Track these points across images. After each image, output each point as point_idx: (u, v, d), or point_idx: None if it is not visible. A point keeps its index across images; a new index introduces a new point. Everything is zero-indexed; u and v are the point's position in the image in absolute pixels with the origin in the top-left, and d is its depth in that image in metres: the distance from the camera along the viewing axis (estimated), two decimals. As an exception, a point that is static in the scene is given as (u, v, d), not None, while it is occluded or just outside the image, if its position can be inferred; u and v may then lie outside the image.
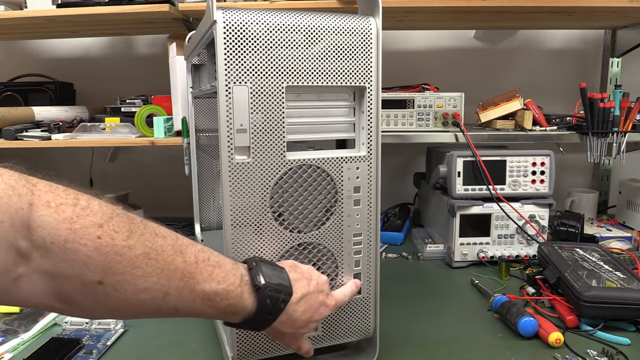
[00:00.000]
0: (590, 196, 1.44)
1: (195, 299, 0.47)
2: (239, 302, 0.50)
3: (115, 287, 0.41)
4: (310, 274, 0.59)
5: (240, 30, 0.57)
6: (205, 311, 0.49)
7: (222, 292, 0.49)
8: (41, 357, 0.71)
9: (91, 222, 0.40)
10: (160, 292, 0.44)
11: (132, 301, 0.43)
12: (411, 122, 1.24)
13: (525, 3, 1.16)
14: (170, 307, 0.46)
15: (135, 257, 0.42)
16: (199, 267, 0.48)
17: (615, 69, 1.53)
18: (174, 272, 0.45)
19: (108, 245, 0.40)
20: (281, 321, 0.54)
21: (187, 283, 0.46)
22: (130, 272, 0.42)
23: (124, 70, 1.66)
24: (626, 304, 0.78)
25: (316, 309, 0.57)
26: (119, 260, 0.41)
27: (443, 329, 0.82)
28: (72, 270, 0.39)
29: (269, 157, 0.60)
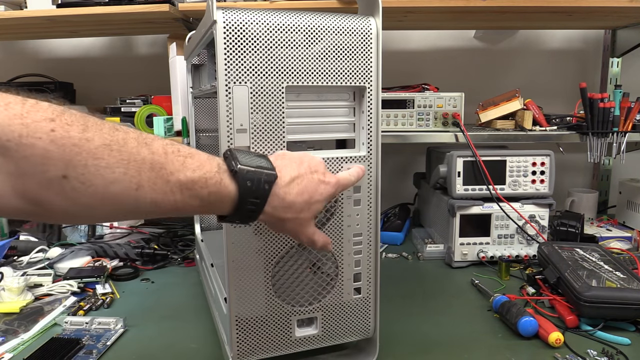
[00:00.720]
0: (590, 196, 1.44)
1: (172, 189, 0.46)
2: (220, 189, 0.49)
3: (82, 180, 0.40)
4: (300, 158, 0.57)
5: (240, 30, 0.57)
6: (188, 202, 0.47)
7: (199, 179, 0.48)
8: (41, 357, 0.71)
9: (42, 117, 0.39)
10: (131, 184, 0.43)
11: (105, 195, 0.42)
12: (411, 122, 1.24)
13: (525, 3, 1.16)
14: (148, 200, 0.45)
15: (95, 149, 0.41)
16: (169, 157, 0.46)
17: (615, 69, 1.53)
18: (142, 163, 0.44)
19: (63, 138, 0.39)
20: (274, 206, 0.52)
21: (159, 173, 0.45)
22: (92, 163, 0.41)
23: (124, 70, 1.66)
24: (626, 304, 0.78)
25: (314, 189, 0.55)
26: (77, 152, 0.40)
27: (443, 329, 0.82)
28: (33, 166, 0.39)
29: (269, 157, 0.60)
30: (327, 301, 0.67)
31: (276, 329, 0.65)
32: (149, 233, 1.29)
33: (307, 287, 0.65)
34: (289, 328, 0.66)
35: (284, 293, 0.64)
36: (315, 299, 0.66)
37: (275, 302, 0.64)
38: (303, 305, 0.66)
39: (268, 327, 0.64)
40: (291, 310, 0.65)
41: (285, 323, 0.65)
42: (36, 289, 0.96)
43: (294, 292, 0.65)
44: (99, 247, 1.13)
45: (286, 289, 0.65)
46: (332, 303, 0.67)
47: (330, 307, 0.67)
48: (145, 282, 1.04)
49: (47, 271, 1.03)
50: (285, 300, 0.65)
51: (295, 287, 0.65)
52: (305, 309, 0.66)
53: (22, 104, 0.39)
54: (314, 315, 0.67)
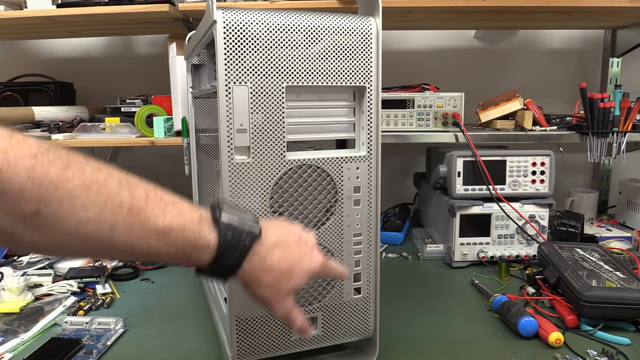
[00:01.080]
0: (590, 196, 1.44)
1: (148, 235, 0.45)
2: (199, 238, 0.48)
3: (54, 217, 0.41)
4: (292, 228, 0.56)
5: (240, 30, 0.57)
6: (164, 249, 0.47)
7: (177, 227, 0.47)
8: (41, 357, 0.71)
9: (25, 153, 0.40)
10: (105, 224, 0.43)
11: (77, 233, 0.42)
12: (411, 122, 1.24)
13: (525, 3, 1.16)
14: (123, 242, 0.44)
15: (73, 187, 0.41)
16: (150, 203, 0.46)
17: (615, 69, 1.53)
18: (119, 206, 0.44)
19: (42, 175, 0.40)
20: (253, 265, 0.51)
21: (137, 218, 0.45)
22: (68, 201, 0.41)
23: (124, 70, 1.66)
24: (626, 304, 0.78)
25: (298, 260, 0.53)
26: (53, 190, 0.40)
27: (443, 329, 0.82)
28: (8, 200, 0.39)
29: (269, 157, 0.60)
30: (327, 301, 0.67)
31: (276, 329, 0.65)
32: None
33: (307, 287, 0.65)
34: (289, 328, 0.66)
35: (284, 293, 0.64)
36: (315, 299, 0.66)
37: (275, 302, 0.64)
38: (303, 305, 0.66)
39: (268, 327, 0.64)
40: (291, 310, 0.65)
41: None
42: (36, 289, 0.96)
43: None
44: (99, 247, 1.12)
45: (286, 289, 0.64)
46: (332, 303, 0.67)
47: (330, 307, 0.67)
48: (145, 282, 1.04)
49: (47, 271, 1.03)
50: (285, 300, 0.65)
51: (295, 287, 0.65)
52: (305, 309, 0.66)
53: (9, 139, 0.40)
54: (314, 315, 0.67)
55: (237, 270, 0.50)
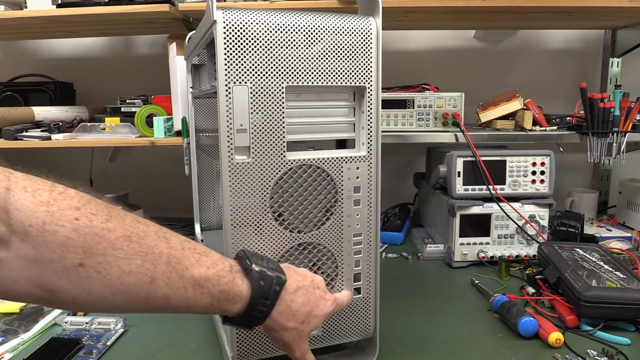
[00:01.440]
0: (590, 196, 1.44)
1: (185, 285, 0.46)
2: (232, 288, 0.49)
3: (98, 269, 0.41)
4: (304, 272, 0.59)
5: (240, 30, 0.57)
6: (199, 299, 0.48)
7: (212, 277, 0.48)
8: (41, 357, 0.71)
9: (68, 205, 0.40)
10: (146, 277, 0.43)
11: (117, 286, 0.42)
12: (411, 122, 1.24)
13: (525, 3, 1.16)
14: (160, 295, 0.45)
15: (116, 239, 0.42)
16: (186, 253, 0.47)
17: (615, 69, 1.53)
18: (159, 257, 0.45)
19: (86, 227, 0.40)
20: (280, 311, 0.53)
21: (175, 268, 0.46)
22: (111, 253, 0.41)
23: (124, 70, 1.66)
24: (626, 304, 0.78)
25: (316, 303, 0.56)
26: (98, 241, 0.41)
27: (443, 329, 0.82)
28: (52, 252, 0.39)
29: (269, 157, 0.60)
30: (327, 301, 0.67)
31: (276, 329, 0.65)
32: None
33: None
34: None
35: (284, 293, 0.64)
36: (315, 299, 0.66)
37: (275, 302, 0.64)
38: (303, 305, 0.66)
39: (268, 327, 0.64)
40: (291, 310, 0.65)
41: (285, 323, 0.65)
42: (36, 289, 0.96)
43: (294, 292, 0.65)
44: (99, 247, 1.12)
45: (286, 289, 0.64)
46: (332, 303, 0.67)
47: (330, 307, 0.67)
48: (145, 282, 1.04)
49: (47, 271, 1.03)
50: (285, 300, 0.65)
51: (295, 287, 0.65)
52: (305, 309, 0.66)
53: (50, 191, 0.40)
54: (314, 315, 0.66)
55: (267, 318, 0.52)
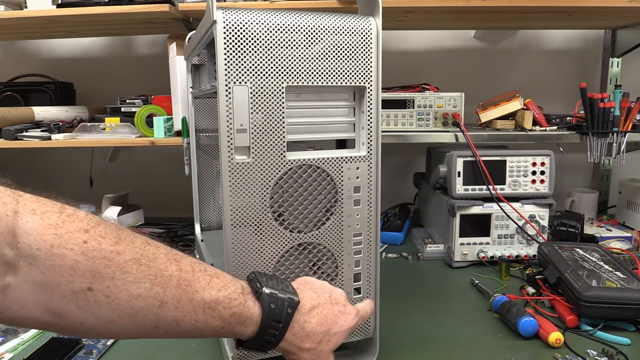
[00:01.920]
0: (590, 196, 1.44)
1: (195, 308, 0.45)
2: (243, 311, 0.49)
3: (106, 293, 0.40)
4: (322, 288, 0.57)
5: (240, 30, 0.57)
6: (209, 323, 0.47)
7: (223, 300, 0.47)
8: (41, 357, 0.71)
9: (77, 228, 0.40)
10: (155, 300, 0.43)
11: (126, 310, 0.42)
12: (411, 122, 1.24)
13: (525, 3, 1.16)
14: (169, 318, 0.44)
15: (125, 262, 0.41)
16: (196, 275, 0.46)
17: (615, 69, 1.53)
18: (169, 280, 0.44)
19: (95, 250, 0.40)
20: (294, 333, 0.52)
21: (185, 291, 0.45)
22: (120, 277, 0.41)
23: (124, 70, 1.66)
24: (626, 304, 0.78)
25: (334, 320, 0.55)
26: (107, 265, 0.40)
27: (443, 329, 0.82)
28: (60, 276, 0.38)
29: (269, 157, 0.60)
30: (327, 301, 0.67)
31: (276, 329, 0.65)
32: (149, 233, 1.28)
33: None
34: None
35: (284, 293, 0.64)
36: (315, 299, 0.66)
37: (275, 302, 0.64)
38: (303, 305, 0.66)
39: (268, 327, 0.64)
40: (291, 310, 0.65)
41: (285, 323, 0.65)
42: (36, 289, 0.96)
43: (294, 292, 0.65)
44: (99, 247, 1.12)
45: (286, 289, 0.64)
46: (332, 303, 0.67)
47: (330, 307, 0.67)
48: (145, 282, 1.04)
49: (47, 271, 1.03)
50: (285, 300, 0.64)
51: (295, 287, 0.65)
52: (305, 309, 0.66)
53: (59, 213, 0.40)
54: (314, 315, 0.66)
55: (280, 341, 0.51)
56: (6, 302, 0.38)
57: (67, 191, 1.59)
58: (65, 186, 1.73)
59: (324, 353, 0.54)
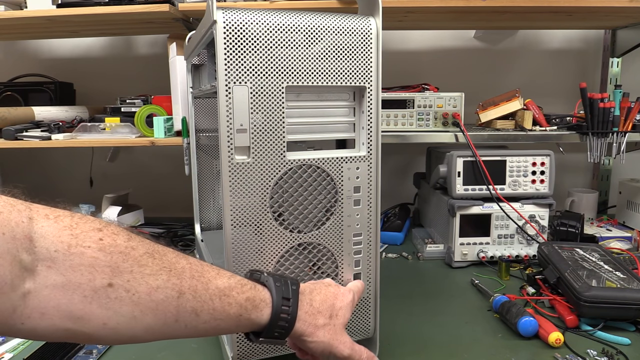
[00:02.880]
0: (590, 196, 1.44)
1: (212, 297, 0.47)
2: (256, 294, 0.50)
3: (127, 287, 0.41)
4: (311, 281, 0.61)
5: (240, 30, 0.57)
6: (226, 310, 0.48)
7: (235, 285, 0.49)
8: (41, 357, 0.71)
9: (91, 227, 0.41)
10: (174, 291, 0.44)
11: (147, 303, 0.42)
12: (411, 122, 1.24)
13: (525, 3, 1.16)
14: (189, 309, 0.45)
15: (140, 256, 0.42)
16: (205, 268, 0.48)
17: (615, 69, 1.53)
18: (182, 271, 0.45)
19: (111, 246, 0.41)
20: (306, 311, 0.54)
21: (199, 281, 0.46)
22: (138, 270, 0.42)
23: (124, 70, 1.66)
24: (626, 304, 0.78)
25: (334, 296, 0.58)
26: (124, 259, 0.41)
27: (443, 329, 0.82)
28: (80, 276, 0.39)
29: (269, 157, 0.60)
30: (327, 301, 0.67)
31: (276, 329, 0.65)
32: (149, 233, 1.29)
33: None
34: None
35: (284, 293, 0.64)
36: (315, 299, 0.66)
37: (275, 302, 0.64)
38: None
39: (268, 327, 0.64)
40: (291, 310, 0.65)
41: (285, 323, 0.65)
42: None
43: (294, 292, 0.65)
44: (99, 247, 1.12)
45: (286, 289, 0.64)
46: (332, 303, 0.67)
47: (330, 307, 0.67)
48: (145, 282, 1.04)
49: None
50: (285, 300, 0.65)
51: (295, 287, 0.65)
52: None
53: (71, 217, 0.41)
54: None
55: (294, 321, 0.52)
56: (27, 310, 0.37)
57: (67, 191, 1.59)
58: (65, 186, 1.73)
59: (338, 327, 0.56)
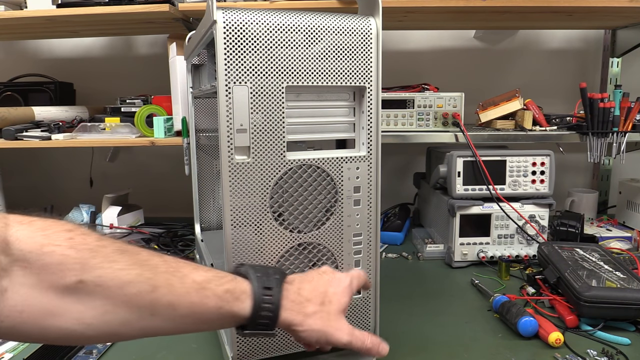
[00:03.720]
0: (590, 196, 1.44)
1: (189, 290, 0.46)
2: (235, 286, 0.49)
3: (98, 282, 0.42)
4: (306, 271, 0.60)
5: (240, 30, 0.57)
6: (205, 303, 0.47)
7: (213, 278, 0.48)
8: (41, 357, 0.71)
9: (62, 228, 0.43)
10: (147, 285, 0.44)
11: (119, 297, 0.43)
12: (411, 122, 1.24)
13: (525, 3, 1.16)
14: (165, 303, 0.45)
15: (111, 253, 0.43)
16: (180, 264, 0.48)
17: (615, 69, 1.53)
18: (156, 266, 0.45)
19: (81, 244, 0.42)
20: (292, 300, 0.52)
21: (174, 275, 0.46)
22: (108, 265, 0.42)
23: (124, 70, 1.66)
24: (626, 304, 0.78)
25: (327, 283, 0.56)
26: (94, 256, 0.42)
27: (443, 329, 0.82)
28: (52, 274, 0.40)
29: (269, 157, 0.60)
30: (327, 301, 0.67)
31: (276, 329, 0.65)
32: (149, 233, 1.29)
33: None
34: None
35: (284, 293, 0.64)
36: (315, 299, 0.66)
37: (275, 302, 0.64)
38: (303, 305, 0.66)
39: (268, 327, 0.64)
40: (291, 310, 0.65)
41: (285, 323, 0.65)
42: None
43: (294, 292, 0.65)
44: (99, 247, 1.12)
45: (286, 289, 0.64)
46: (332, 303, 0.67)
47: (330, 307, 0.67)
48: (145, 282, 1.04)
49: (47, 271, 1.03)
50: (285, 300, 0.65)
51: (295, 287, 0.65)
52: (305, 309, 0.66)
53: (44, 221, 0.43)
54: (314, 315, 0.66)
55: (279, 310, 0.50)
56: (5, 309, 0.39)
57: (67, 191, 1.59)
58: (65, 186, 1.73)
59: (332, 314, 0.53)
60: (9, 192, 1.40)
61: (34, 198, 1.71)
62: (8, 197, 1.39)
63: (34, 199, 1.71)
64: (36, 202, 1.54)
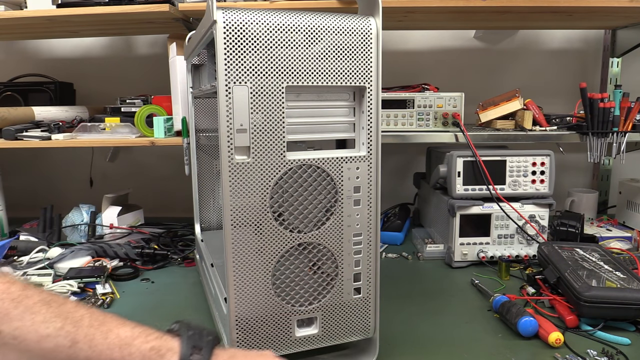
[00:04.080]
0: (590, 196, 1.44)
1: (110, 346, 0.44)
2: (162, 343, 0.46)
3: (14, 334, 0.41)
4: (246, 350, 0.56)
5: (240, 30, 0.57)
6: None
7: (139, 334, 0.46)
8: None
9: None
10: (66, 340, 0.42)
11: (35, 351, 0.42)
12: (411, 122, 1.24)
13: (525, 3, 1.16)
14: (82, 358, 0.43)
15: (34, 304, 0.42)
16: (108, 317, 0.46)
17: (615, 69, 1.53)
18: (80, 320, 0.44)
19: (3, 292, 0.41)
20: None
21: (98, 329, 0.44)
22: (29, 317, 0.41)
23: (124, 70, 1.66)
24: (626, 304, 0.78)
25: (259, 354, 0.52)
26: (15, 306, 0.41)
27: (443, 329, 0.82)
28: None
29: (269, 157, 0.60)
30: (327, 301, 0.67)
31: (276, 329, 0.65)
32: (149, 233, 1.29)
33: (307, 286, 0.65)
34: (289, 328, 0.66)
35: (283, 293, 0.64)
36: (315, 299, 0.66)
37: (275, 301, 0.64)
38: (303, 305, 0.66)
39: (268, 327, 0.64)
40: (291, 310, 0.65)
41: (285, 323, 0.65)
42: (36, 289, 0.96)
43: (294, 291, 0.65)
44: (99, 247, 1.13)
45: (286, 289, 0.65)
46: (332, 303, 0.67)
47: (330, 307, 0.67)
48: (145, 282, 1.04)
49: (47, 271, 1.03)
50: (285, 300, 0.65)
51: (295, 287, 0.65)
52: (305, 308, 0.66)
53: None
54: (314, 315, 0.67)
55: None
56: None
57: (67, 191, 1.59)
58: (65, 186, 1.73)
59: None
60: (9, 192, 1.40)
61: (34, 198, 1.71)
62: (8, 197, 1.39)
63: (34, 199, 1.71)
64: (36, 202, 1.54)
